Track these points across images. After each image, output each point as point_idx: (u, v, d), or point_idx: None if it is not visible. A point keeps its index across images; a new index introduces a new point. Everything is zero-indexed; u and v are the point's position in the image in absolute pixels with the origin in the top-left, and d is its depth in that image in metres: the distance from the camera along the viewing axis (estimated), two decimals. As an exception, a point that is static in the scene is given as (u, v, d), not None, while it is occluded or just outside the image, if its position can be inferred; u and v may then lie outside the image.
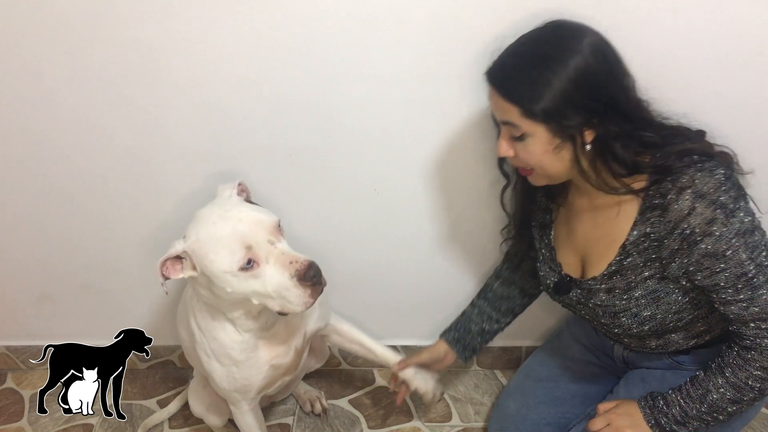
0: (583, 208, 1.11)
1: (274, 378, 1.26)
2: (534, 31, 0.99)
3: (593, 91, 0.92)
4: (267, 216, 1.04)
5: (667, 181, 0.95)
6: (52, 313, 1.66)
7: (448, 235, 1.45)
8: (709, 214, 0.91)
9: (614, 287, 1.08)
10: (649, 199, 0.98)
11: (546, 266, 1.22)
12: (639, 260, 1.03)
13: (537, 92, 0.92)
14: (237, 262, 0.99)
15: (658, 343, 1.13)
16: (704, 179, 0.92)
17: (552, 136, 0.96)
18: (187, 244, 1.03)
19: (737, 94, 1.17)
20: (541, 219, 1.23)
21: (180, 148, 1.31)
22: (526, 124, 0.96)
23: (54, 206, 1.43)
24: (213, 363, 1.19)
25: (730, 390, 1.01)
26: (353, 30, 1.13)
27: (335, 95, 1.22)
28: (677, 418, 1.06)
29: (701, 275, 0.97)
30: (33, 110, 1.26)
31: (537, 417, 1.36)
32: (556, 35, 0.96)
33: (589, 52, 0.92)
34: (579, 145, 0.97)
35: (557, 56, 0.92)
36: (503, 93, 0.97)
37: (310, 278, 1.00)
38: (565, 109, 0.93)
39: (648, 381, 1.20)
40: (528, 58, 0.96)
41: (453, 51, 1.15)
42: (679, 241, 0.96)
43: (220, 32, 1.14)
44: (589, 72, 0.92)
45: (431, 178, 1.35)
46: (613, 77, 0.94)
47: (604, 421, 1.12)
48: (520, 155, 1.02)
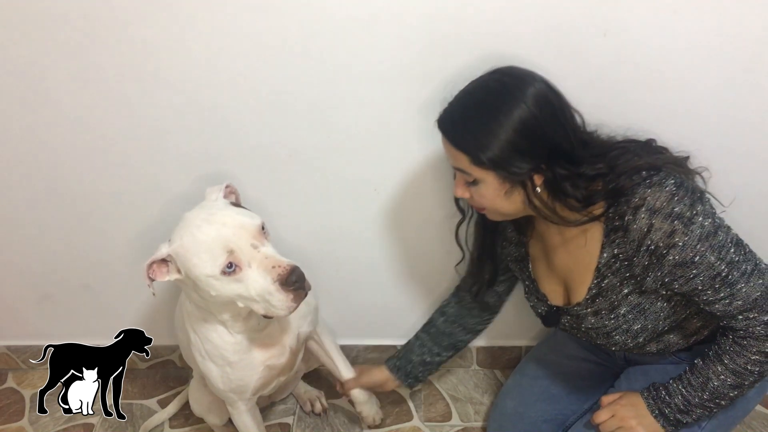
0: (554, 239, 1.13)
1: (269, 378, 1.26)
2: (480, 78, 1.01)
3: (538, 139, 0.95)
4: (251, 219, 1.04)
5: (621, 202, 0.97)
6: (52, 313, 1.66)
7: (448, 235, 1.45)
8: (668, 227, 0.93)
9: (600, 309, 1.09)
10: (610, 222, 1.01)
11: (533, 297, 1.24)
12: (615, 280, 1.05)
13: (483, 142, 0.95)
14: (219, 266, 0.99)
15: (659, 347, 1.13)
16: (655, 194, 0.94)
17: (502, 182, 0.99)
18: (172, 248, 1.03)
19: (734, 94, 1.17)
20: (516, 253, 1.25)
21: (180, 149, 1.31)
22: (476, 171, 0.99)
23: (54, 206, 1.43)
24: (208, 364, 1.20)
25: (730, 376, 1.03)
26: (353, 30, 1.13)
27: (335, 95, 1.22)
28: (680, 407, 1.07)
29: (678, 284, 0.98)
30: (32, 111, 1.26)
31: (535, 415, 1.37)
32: (501, 84, 0.97)
33: (532, 103, 0.94)
34: (530, 189, 0.99)
35: (502, 108, 0.94)
36: (452, 141, 1.00)
37: (292, 283, 1.00)
38: (512, 158, 0.95)
39: (650, 374, 1.21)
40: (473, 109, 0.98)
41: (453, 51, 1.15)
42: (647, 257, 0.97)
43: (219, 33, 1.14)
44: (533, 122, 0.94)
45: (431, 179, 1.35)
46: (558, 125, 0.96)
47: (609, 412, 1.13)
48: (474, 198, 1.05)
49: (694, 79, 1.15)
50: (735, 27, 1.09)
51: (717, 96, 1.17)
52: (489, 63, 1.02)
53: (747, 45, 1.11)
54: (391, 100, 1.22)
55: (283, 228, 1.42)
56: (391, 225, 1.44)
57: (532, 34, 1.11)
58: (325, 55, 1.16)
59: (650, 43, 1.12)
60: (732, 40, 1.10)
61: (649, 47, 1.12)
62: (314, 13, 1.11)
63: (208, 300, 1.06)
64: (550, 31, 1.10)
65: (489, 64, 1.01)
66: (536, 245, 1.20)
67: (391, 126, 1.26)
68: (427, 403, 1.65)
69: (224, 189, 1.13)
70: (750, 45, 1.11)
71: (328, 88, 1.21)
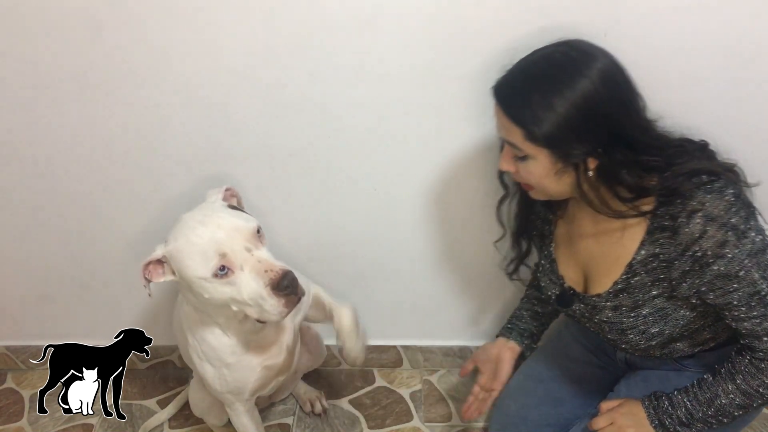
0: (586, 225, 1.10)
1: (267, 379, 1.26)
2: (545, 48, 0.96)
3: (599, 119, 0.90)
4: (246, 222, 1.03)
5: (676, 203, 0.94)
6: (52, 313, 1.66)
7: (448, 235, 1.45)
8: (721, 236, 0.90)
9: (621, 305, 1.07)
10: (658, 221, 0.97)
11: (546, 278, 1.21)
12: (647, 279, 1.02)
13: (541, 116, 0.90)
14: (210, 269, 0.98)
15: (663, 351, 1.12)
16: (714, 201, 0.91)
17: (554, 162, 0.95)
18: (167, 249, 1.03)
19: (734, 94, 1.17)
20: (541, 229, 1.22)
21: (180, 149, 1.31)
22: (528, 147, 0.95)
23: (54, 206, 1.43)
24: (205, 366, 1.19)
25: (739, 396, 1.01)
26: (353, 30, 1.13)
27: (335, 95, 1.22)
28: (682, 419, 1.06)
29: (713, 295, 0.96)
30: (33, 110, 1.27)
31: (537, 417, 1.36)
32: (567, 57, 0.93)
33: (598, 79, 0.89)
34: (582, 172, 0.95)
35: (566, 80, 0.90)
36: (508, 112, 0.95)
37: (283, 288, 0.99)
38: (569, 137, 0.91)
39: (650, 381, 1.20)
40: (535, 80, 0.93)
41: (453, 51, 1.15)
42: (690, 263, 0.95)
43: (221, 32, 1.14)
44: (597, 100, 0.89)
45: (431, 179, 1.35)
46: (622, 106, 0.92)
47: (607, 420, 1.12)
48: (521, 173, 1.01)
49: (694, 79, 1.15)
50: (735, 27, 1.09)
51: (718, 96, 1.17)
52: (489, 63, 1.02)
53: (748, 44, 1.11)
54: (391, 100, 1.22)
55: (283, 227, 1.42)
56: (391, 225, 1.44)
57: (532, 34, 1.11)
58: (325, 54, 1.16)
59: (650, 43, 1.12)
60: (733, 40, 1.10)
61: (649, 47, 1.12)
62: (314, 12, 1.11)
63: (203, 302, 1.06)
64: (550, 31, 1.10)
65: (489, 64, 1.01)
66: (563, 226, 1.17)
67: (391, 126, 1.26)
68: (427, 404, 1.65)
69: (224, 192, 1.13)
70: (751, 44, 1.11)
71: (329, 88, 1.21)
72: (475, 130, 1.25)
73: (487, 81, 1.16)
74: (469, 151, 1.29)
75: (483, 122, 1.23)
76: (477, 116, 1.23)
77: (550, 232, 1.20)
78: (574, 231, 1.14)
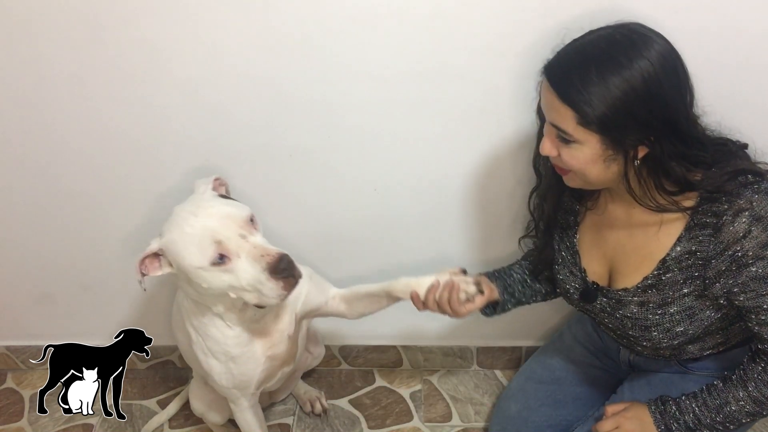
0: (618, 217, 1.07)
1: (272, 370, 1.26)
2: (603, 29, 0.92)
3: (656, 105, 0.87)
4: (238, 210, 1.03)
5: (722, 200, 0.92)
6: (52, 313, 1.66)
7: (449, 236, 1.45)
8: (765, 238, 0.90)
9: (648, 301, 1.05)
10: (698, 218, 0.95)
11: (566, 270, 1.17)
12: (679, 277, 1.00)
13: (597, 98, 0.86)
14: (207, 257, 0.99)
15: (673, 353, 1.12)
16: (761, 202, 0.90)
17: (604, 148, 0.91)
18: (162, 242, 1.04)
19: (734, 94, 1.17)
20: (564, 220, 1.17)
21: (181, 148, 1.31)
22: (579, 132, 0.90)
23: (54, 206, 1.43)
24: (211, 361, 1.19)
25: (750, 404, 1.01)
26: (354, 30, 1.13)
27: (335, 95, 1.21)
28: (689, 424, 1.05)
29: (744, 296, 0.95)
30: (33, 110, 1.26)
31: (538, 419, 1.35)
32: (627, 38, 0.88)
33: (658, 61, 0.86)
34: (630, 160, 0.92)
35: (624, 61, 0.86)
36: (560, 92, 0.90)
37: (281, 270, 0.99)
38: (624, 122, 0.87)
39: (654, 383, 1.20)
40: (592, 59, 0.88)
41: (454, 51, 1.15)
42: (728, 263, 0.94)
43: (222, 32, 1.14)
44: (656, 83, 0.86)
45: (431, 179, 1.34)
46: (678, 93, 0.89)
47: (613, 423, 1.11)
48: (564, 158, 0.96)
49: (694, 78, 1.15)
50: (736, 26, 1.09)
51: (718, 96, 1.17)
52: (489, 62, 1.01)
53: (748, 44, 1.11)
54: (391, 100, 1.22)
55: (283, 227, 1.42)
56: (391, 225, 1.44)
57: (532, 34, 1.11)
58: (325, 54, 1.16)
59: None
60: (733, 40, 1.10)
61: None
62: (315, 12, 1.11)
63: (201, 293, 1.06)
64: (550, 31, 1.10)
65: (489, 64, 1.01)
66: (591, 218, 1.13)
67: (391, 126, 1.26)
68: (427, 404, 1.65)
69: (213, 181, 1.13)
70: (751, 44, 1.11)
71: (329, 88, 1.20)
72: (476, 130, 1.25)
73: (488, 81, 1.17)
74: (470, 151, 1.29)
75: (483, 122, 1.23)
76: (478, 116, 1.23)
77: (576, 223, 1.15)
78: (603, 222, 1.10)
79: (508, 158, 1.28)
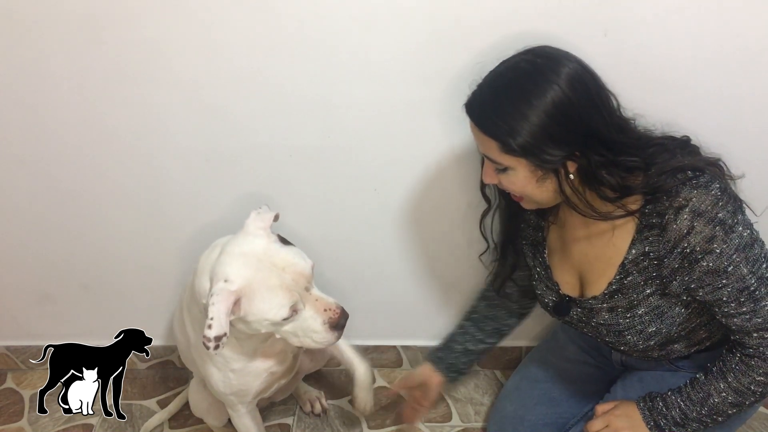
0: (577, 229, 1.10)
1: (271, 383, 1.26)
2: (510, 59, 0.96)
3: (572, 124, 0.90)
4: (305, 262, 1.05)
5: (662, 200, 0.94)
6: (52, 313, 1.66)
7: (448, 236, 1.45)
8: (709, 231, 0.91)
9: (616, 306, 1.07)
10: (646, 219, 0.98)
11: (543, 285, 1.20)
12: (639, 279, 1.02)
13: (514, 127, 0.90)
14: (283, 314, 1.01)
15: (661, 353, 1.12)
16: (701, 196, 0.91)
17: (534, 170, 0.95)
18: (237, 289, 0.98)
19: (734, 94, 1.17)
20: (533, 237, 1.21)
21: (180, 148, 1.31)
22: (506, 159, 0.95)
23: (54, 206, 1.43)
24: (209, 367, 1.19)
25: (732, 394, 1.01)
26: (354, 30, 1.13)
27: (335, 95, 1.22)
28: (677, 419, 1.06)
29: (703, 291, 0.96)
30: (34, 110, 1.26)
31: (534, 418, 1.36)
32: (533, 65, 0.92)
33: (566, 85, 0.89)
34: (563, 177, 0.95)
35: (534, 90, 0.89)
36: (481, 127, 0.95)
37: (341, 326, 1.06)
38: (544, 144, 0.91)
39: (646, 381, 1.20)
40: (504, 91, 0.93)
41: (453, 50, 1.15)
42: (679, 260, 0.95)
43: (221, 32, 1.14)
44: (568, 105, 0.89)
45: (431, 179, 1.35)
46: (593, 108, 0.92)
47: (603, 422, 1.12)
48: (504, 184, 1.01)
49: (694, 78, 1.15)
50: (736, 26, 1.09)
51: (718, 95, 1.17)
52: (489, 62, 1.01)
53: (748, 44, 1.11)
54: (391, 100, 1.22)
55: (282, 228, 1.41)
56: (390, 225, 1.44)
57: (531, 34, 1.10)
58: (325, 54, 1.16)
59: (650, 43, 1.12)
60: (733, 40, 1.10)
61: (649, 47, 1.12)
62: (315, 12, 1.11)
63: (248, 333, 1.07)
64: (550, 31, 1.10)
65: (489, 64, 1.01)
66: (555, 232, 1.17)
67: (392, 126, 1.26)
68: (427, 404, 1.65)
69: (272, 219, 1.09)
70: (751, 44, 1.11)
71: (329, 88, 1.21)
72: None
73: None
74: (471, 151, 1.29)
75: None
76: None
77: (543, 239, 1.19)
78: (566, 236, 1.14)
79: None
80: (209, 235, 1.16)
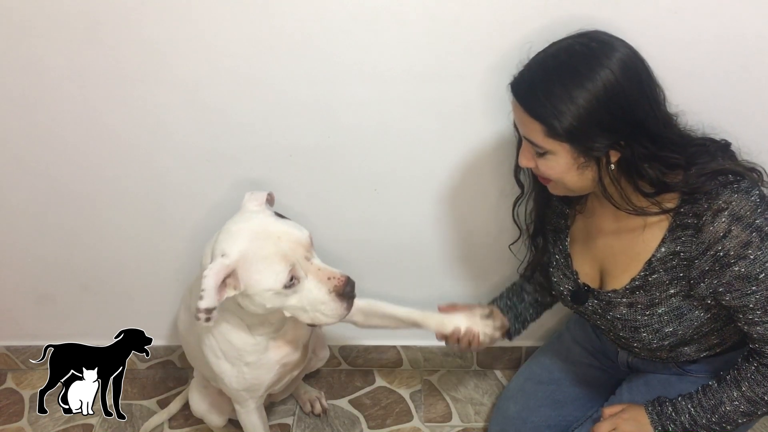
0: (606, 221, 1.08)
1: (283, 375, 1.26)
2: (563, 41, 0.94)
3: (621, 111, 0.88)
4: (302, 232, 1.05)
5: (701, 201, 0.93)
6: (52, 313, 1.66)
7: (448, 235, 1.45)
8: (745, 237, 0.90)
9: (636, 302, 1.06)
10: (680, 218, 0.96)
11: (560, 273, 1.19)
12: (665, 277, 1.01)
13: (562, 110, 0.88)
14: (281, 281, 1.00)
15: (670, 354, 1.12)
16: (741, 201, 0.90)
17: (576, 156, 0.93)
18: (231, 262, 0.99)
19: (736, 95, 1.17)
20: (556, 223, 1.19)
21: (180, 148, 1.31)
22: (549, 143, 0.92)
23: (54, 206, 1.43)
24: (222, 364, 1.19)
25: (744, 403, 1.01)
26: (354, 30, 1.13)
27: (335, 95, 1.21)
28: (685, 425, 1.05)
29: (730, 296, 0.95)
30: (34, 110, 1.26)
31: (538, 420, 1.35)
32: (586, 48, 0.90)
33: (619, 70, 0.87)
34: (603, 165, 0.94)
35: (586, 72, 0.87)
36: (526, 108, 0.92)
37: (348, 293, 1.04)
38: (591, 130, 0.89)
39: (652, 385, 1.20)
40: (555, 72, 0.90)
41: (453, 50, 1.15)
42: (711, 263, 0.94)
43: (221, 32, 1.14)
44: (619, 91, 0.87)
45: (431, 179, 1.34)
46: (643, 96, 0.90)
47: (610, 425, 1.11)
48: (541, 168, 0.98)
49: (694, 78, 1.15)
50: (735, 27, 1.09)
51: (717, 95, 1.17)
52: (489, 62, 1.01)
53: (747, 44, 1.10)
54: (391, 100, 1.22)
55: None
56: (393, 226, 1.44)
57: (531, 34, 1.10)
58: (325, 54, 1.16)
59: (650, 43, 1.11)
60: (732, 40, 1.10)
61: (649, 47, 1.11)
62: (314, 12, 1.11)
63: (254, 311, 1.06)
64: (550, 31, 1.10)
65: (489, 64, 1.01)
66: (581, 221, 1.15)
67: (392, 126, 1.26)
68: (427, 404, 1.65)
69: (266, 196, 1.11)
70: (750, 44, 1.11)
71: (329, 88, 1.20)
72: (476, 130, 1.25)
73: (488, 80, 1.17)
74: (472, 151, 1.29)
75: (484, 122, 1.23)
76: (478, 116, 1.23)
77: (566, 227, 1.17)
78: (592, 226, 1.12)
79: (509, 157, 1.28)
80: (209, 234, 1.15)
